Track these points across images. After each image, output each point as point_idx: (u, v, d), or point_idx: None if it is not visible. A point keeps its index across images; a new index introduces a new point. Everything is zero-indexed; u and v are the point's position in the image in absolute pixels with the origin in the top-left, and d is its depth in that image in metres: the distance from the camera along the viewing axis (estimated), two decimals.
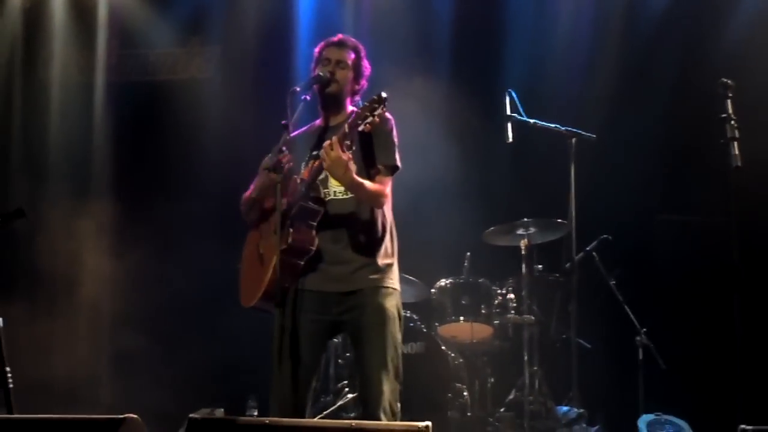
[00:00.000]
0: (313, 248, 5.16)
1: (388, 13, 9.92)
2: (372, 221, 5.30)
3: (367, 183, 5.15)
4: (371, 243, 5.29)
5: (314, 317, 5.23)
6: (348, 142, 4.94)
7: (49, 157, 10.89)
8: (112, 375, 9.92)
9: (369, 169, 5.26)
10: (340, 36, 5.59)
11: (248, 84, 10.37)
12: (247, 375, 9.02)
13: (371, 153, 5.26)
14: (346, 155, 4.94)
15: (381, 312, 5.21)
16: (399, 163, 5.32)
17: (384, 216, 5.36)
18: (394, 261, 5.41)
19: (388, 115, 5.16)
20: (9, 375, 5.31)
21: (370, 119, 4.85)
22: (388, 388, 5.12)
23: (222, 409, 9.11)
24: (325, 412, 7.93)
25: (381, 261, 5.29)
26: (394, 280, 5.36)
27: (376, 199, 5.24)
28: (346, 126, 4.96)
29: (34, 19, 11.22)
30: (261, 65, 10.42)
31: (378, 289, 5.25)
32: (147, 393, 9.01)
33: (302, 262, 5.16)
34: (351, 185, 5.08)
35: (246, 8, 10.60)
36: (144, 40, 11.10)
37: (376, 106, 4.85)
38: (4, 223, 5.36)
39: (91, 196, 10.56)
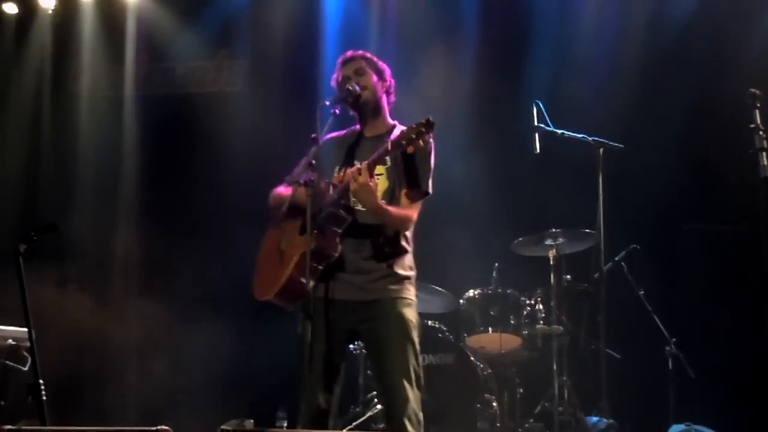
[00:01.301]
0: (336, 254, 5.20)
1: (414, 24, 9.94)
2: (395, 234, 5.34)
3: (393, 210, 5.21)
4: (393, 255, 5.33)
5: (334, 325, 5.26)
6: (386, 158, 5.00)
7: (79, 171, 10.97)
8: (141, 385, 9.96)
9: (401, 189, 5.30)
10: (345, 54, 5.66)
11: (276, 96, 10.41)
12: (276, 386, 9.03)
13: (407, 173, 5.30)
14: (374, 182, 5.03)
15: (401, 322, 5.25)
16: (431, 190, 5.35)
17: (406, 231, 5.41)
18: (413, 274, 5.45)
19: (430, 139, 5.21)
20: (42, 387, 5.34)
21: (415, 142, 4.90)
22: (413, 395, 5.14)
23: (252, 421, 9.13)
24: (354, 423, 7.94)
25: (401, 273, 5.33)
26: (412, 292, 5.40)
27: (402, 224, 5.32)
28: (389, 144, 5.01)
29: (64, 33, 11.32)
30: (288, 78, 10.46)
31: (397, 299, 5.29)
32: (178, 404, 9.06)
33: (321, 267, 5.19)
34: (376, 212, 5.13)
35: (273, 21, 10.64)
36: (172, 54, 11.18)
37: (423, 131, 4.90)
38: (36, 238, 5.40)
39: (121, 209, 10.63)
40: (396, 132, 5.27)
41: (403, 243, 5.37)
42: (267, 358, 9.12)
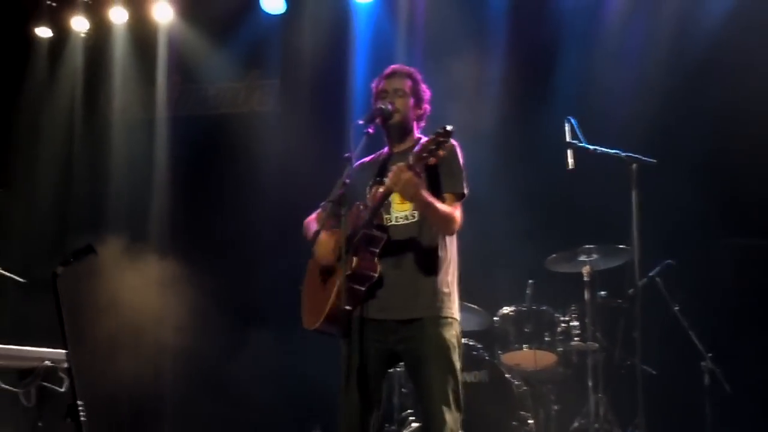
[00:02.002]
0: (376, 275, 5.17)
1: (443, 39, 9.95)
2: (433, 247, 5.29)
3: (439, 204, 5.14)
4: (432, 270, 5.28)
5: (375, 345, 5.25)
6: (417, 169, 4.96)
7: (111, 192, 11.03)
8: (176, 406, 9.99)
9: (437, 198, 5.23)
10: (393, 67, 5.64)
11: (307, 115, 10.46)
12: (312, 405, 9.05)
13: (437, 182, 5.27)
14: (417, 175, 4.97)
15: (440, 342, 5.21)
16: (466, 190, 5.32)
17: (445, 244, 5.35)
18: (454, 289, 5.39)
19: (453, 141, 5.17)
20: (81, 408, 5.36)
21: (435, 153, 4.86)
22: (451, 418, 5.11)
23: None
24: None
25: (441, 289, 5.28)
26: (453, 309, 5.34)
27: (448, 222, 5.23)
28: (411, 158, 4.95)
29: (96, 56, 11.41)
30: (319, 96, 10.51)
31: (437, 318, 5.24)
32: (212, 424, 9.08)
33: (364, 288, 5.17)
34: (423, 205, 5.09)
35: (303, 41, 10.70)
36: (204, 75, 11.26)
37: (442, 139, 4.84)
38: (75, 260, 5.43)
39: (153, 231, 10.68)
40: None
41: (442, 254, 5.31)
42: (303, 378, 9.14)
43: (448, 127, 4.86)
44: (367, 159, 5.60)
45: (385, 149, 5.60)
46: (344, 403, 5.15)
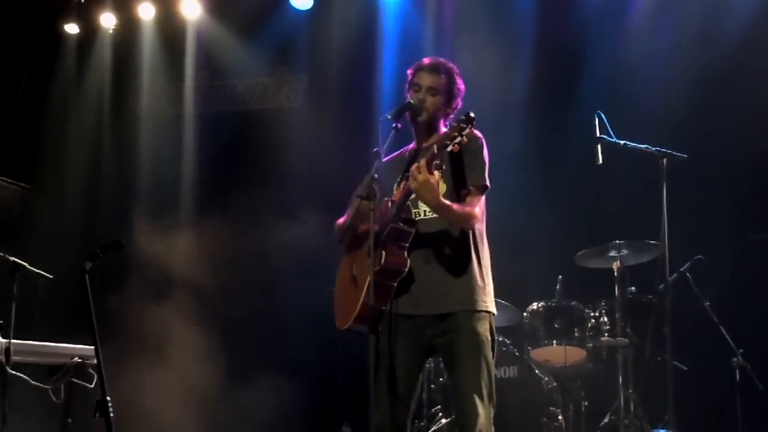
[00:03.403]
0: (406, 269, 5.14)
1: (470, 35, 9.92)
2: (463, 240, 5.27)
3: (455, 206, 5.12)
4: (462, 262, 5.25)
5: (408, 341, 5.23)
6: (438, 162, 4.93)
7: (140, 188, 11.07)
8: (203, 404, 9.98)
9: (460, 190, 5.23)
10: (431, 60, 5.56)
11: (336, 111, 10.47)
12: (341, 402, 9.05)
13: (461, 173, 5.24)
14: (434, 177, 4.95)
15: (473, 336, 5.18)
16: (488, 183, 5.28)
17: (475, 235, 5.32)
18: (489, 281, 5.37)
19: (477, 133, 5.14)
20: (110, 404, 5.36)
21: (458, 140, 4.82)
22: (483, 412, 5.10)
23: None
24: None
25: (473, 281, 5.25)
26: (487, 301, 5.31)
27: (465, 221, 5.20)
28: (435, 147, 4.92)
29: (125, 52, 11.46)
30: (347, 92, 10.51)
31: (471, 313, 5.22)
32: (241, 422, 9.08)
33: (395, 284, 5.15)
34: (438, 208, 5.06)
35: (331, 37, 10.70)
36: (232, 71, 11.27)
37: (464, 126, 4.80)
38: (102, 255, 5.44)
39: (181, 227, 10.69)
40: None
41: (472, 246, 5.28)
42: (333, 375, 9.14)
43: (471, 114, 4.83)
44: (395, 154, 5.56)
45: (412, 144, 5.58)
46: (373, 398, 5.14)
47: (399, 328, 5.21)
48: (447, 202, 5.06)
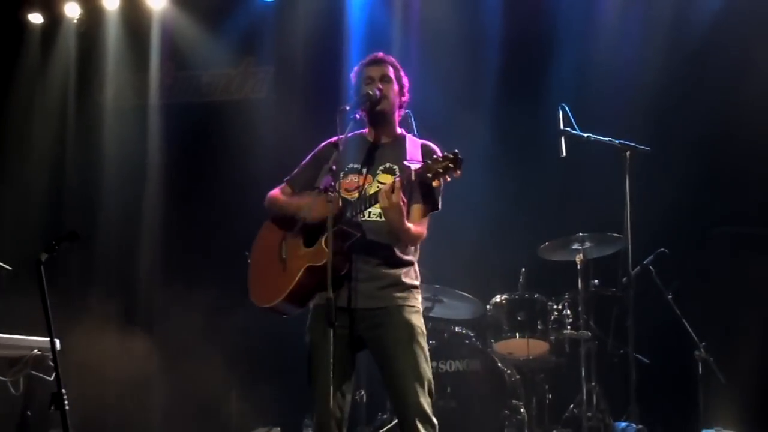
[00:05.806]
0: (344, 271, 5.16)
1: (437, 29, 9.93)
2: (404, 246, 5.32)
3: (413, 228, 5.15)
4: (401, 264, 5.31)
5: (341, 332, 5.17)
6: (395, 173, 5.00)
7: (104, 179, 11.00)
8: (170, 395, 9.95)
9: (411, 204, 5.24)
10: (376, 54, 5.62)
11: (301, 102, 10.43)
12: (303, 394, 9.00)
13: (421, 190, 5.23)
14: (404, 202, 4.97)
15: (409, 328, 5.22)
16: (439, 206, 5.32)
17: None
18: (419, 283, 5.43)
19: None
20: (65, 397, 5.32)
21: (441, 176, 4.83)
22: (425, 401, 5.11)
23: (278, 429, 9.13)
24: (382, 430, 7.91)
25: (408, 282, 5.32)
26: (418, 300, 5.39)
27: (415, 241, 5.30)
28: (413, 175, 4.93)
29: (89, 42, 11.38)
30: (313, 83, 10.46)
31: (404, 307, 5.26)
32: (206, 414, 9.05)
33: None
34: (399, 230, 5.09)
35: (297, 28, 10.67)
36: (197, 62, 11.21)
37: (451, 166, 4.80)
38: (58, 247, 5.38)
39: (145, 217, 10.66)
40: (409, 145, 5.30)
41: (410, 254, 5.36)
42: (294, 367, 9.09)
43: (460, 156, 4.82)
44: (339, 138, 5.49)
45: (365, 130, 5.57)
46: (314, 389, 5.18)
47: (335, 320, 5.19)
48: (409, 225, 5.09)
